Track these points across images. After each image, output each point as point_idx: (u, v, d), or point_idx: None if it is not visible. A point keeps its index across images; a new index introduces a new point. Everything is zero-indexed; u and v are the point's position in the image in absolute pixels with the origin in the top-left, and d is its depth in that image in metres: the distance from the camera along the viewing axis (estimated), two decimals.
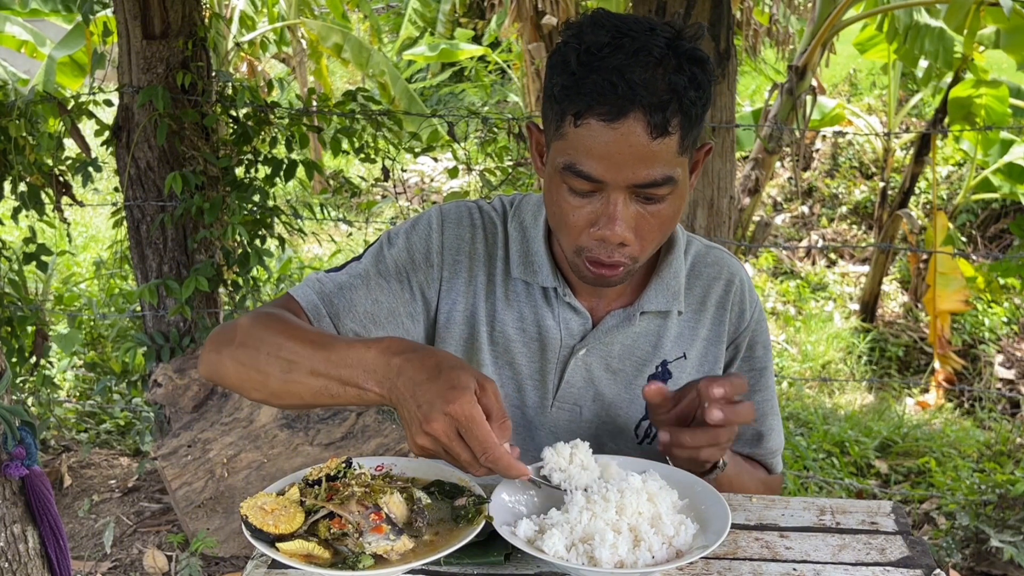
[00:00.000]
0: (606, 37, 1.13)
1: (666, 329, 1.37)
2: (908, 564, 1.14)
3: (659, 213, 1.19)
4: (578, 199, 1.19)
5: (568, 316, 1.35)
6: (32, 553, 1.95)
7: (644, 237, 1.21)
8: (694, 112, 1.14)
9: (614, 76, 1.10)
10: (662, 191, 1.17)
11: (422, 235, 1.37)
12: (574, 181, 1.17)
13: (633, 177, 1.14)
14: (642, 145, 1.12)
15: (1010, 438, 4.35)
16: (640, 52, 1.11)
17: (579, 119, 1.13)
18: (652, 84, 1.11)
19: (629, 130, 1.11)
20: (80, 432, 4.07)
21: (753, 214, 6.31)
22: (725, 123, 2.98)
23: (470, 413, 1.01)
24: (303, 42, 7.94)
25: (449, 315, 1.38)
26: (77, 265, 6.16)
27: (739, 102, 7.62)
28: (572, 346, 1.36)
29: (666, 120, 1.12)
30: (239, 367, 1.21)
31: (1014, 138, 5.64)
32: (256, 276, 3.67)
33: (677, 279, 1.36)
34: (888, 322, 6.21)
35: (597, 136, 1.13)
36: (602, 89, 1.11)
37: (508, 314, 1.37)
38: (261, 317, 1.23)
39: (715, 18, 2.88)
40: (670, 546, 1.07)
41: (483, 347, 1.37)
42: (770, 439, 1.48)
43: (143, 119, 3.32)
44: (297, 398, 1.17)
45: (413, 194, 8.13)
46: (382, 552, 0.99)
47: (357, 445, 3.09)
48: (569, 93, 1.14)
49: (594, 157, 1.14)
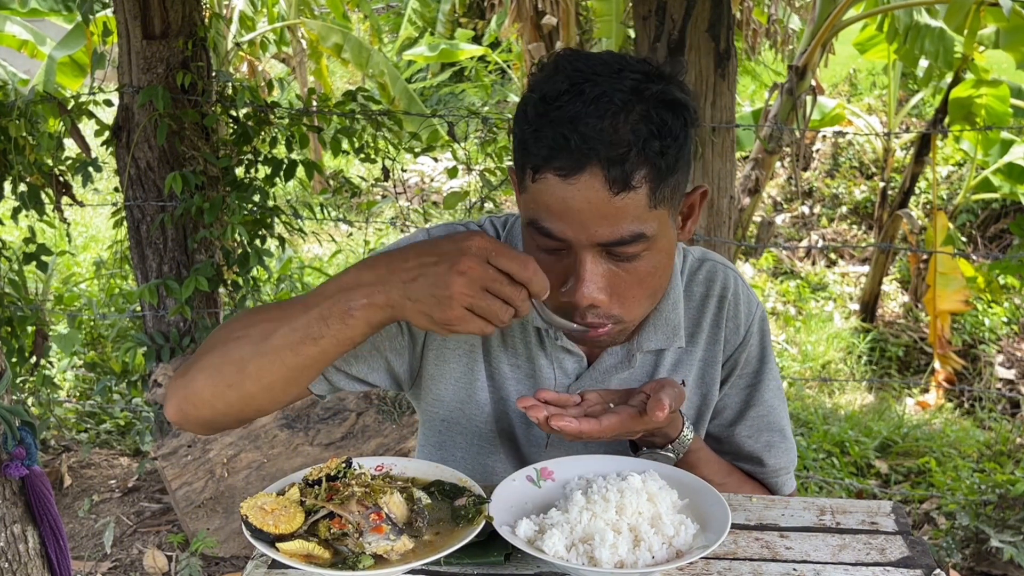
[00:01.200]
0: (564, 84, 1.05)
1: (663, 360, 1.30)
2: (908, 564, 1.14)
3: (635, 270, 1.11)
4: (548, 256, 1.11)
5: (562, 356, 1.28)
6: (32, 553, 1.95)
7: (622, 296, 1.12)
8: (663, 163, 1.05)
9: (567, 128, 1.02)
10: (632, 249, 1.08)
11: None
12: (539, 239, 1.10)
13: (596, 235, 1.06)
14: (602, 201, 1.03)
15: (1010, 438, 4.35)
16: (600, 99, 1.03)
17: (537, 174, 1.06)
18: (610, 135, 1.02)
19: (587, 186, 1.03)
20: (80, 432, 4.07)
21: (753, 214, 6.31)
22: (725, 123, 2.99)
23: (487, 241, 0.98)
24: (303, 42, 7.94)
25: (440, 352, 1.30)
26: (77, 265, 6.16)
27: (739, 102, 7.62)
28: (567, 386, 1.28)
29: (626, 174, 1.03)
30: (209, 373, 1.13)
31: (1014, 138, 5.64)
32: (256, 276, 3.67)
33: (676, 312, 1.27)
34: (888, 322, 6.21)
35: (555, 192, 1.05)
36: (556, 143, 1.03)
37: (503, 353, 1.30)
38: (216, 331, 1.19)
39: (715, 18, 2.89)
40: (670, 546, 1.07)
41: (481, 387, 1.31)
42: (770, 456, 1.36)
43: (143, 119, 3.32)
44: (278, 365, 1.09)
45: (413, 194, 8.13)
46: (382, 552, 0.99)
47: (357, 445, 3.09)
48: (527, 146, 1.07)
49: (554, 214, 1.06)
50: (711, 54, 2.91)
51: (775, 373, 1.37)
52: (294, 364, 1.10)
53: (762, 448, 1.37)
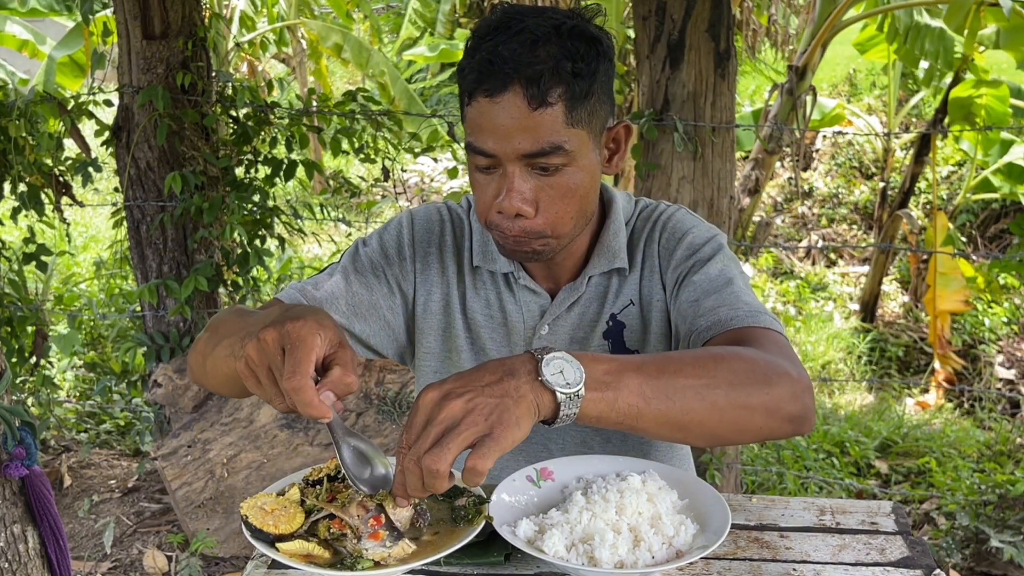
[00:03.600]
0: (495, 22, 1.20)
1: (610, 286, 1.40)
2: (908, 564, 1.14)
3: (558, 184, 1.23)
4: (483, 176, 1.25)
5: (528, 298, 1.40)
6: (32, 553, 1.95)
7: (546, 209, 1.24)
8: (578, 85, 1.18)
9: (492, 54, 1.17)
10: (554, 160, 1.20)
11: (393, 233, 1.44)
12: (475, 158, 1.24)
13: (520, 147, 1.19)
14: (524, 116, 1.17)
15: (1010, 438, 4.35)
16: (523, 32, 1.17)
17: (470, 98, 1.21)
18: (528, 58, 1.16)
19: (509, 103, 1.17)
20: (80, 432, 4.08)
21: (753, 214, 6.31)
22: (725, 123, 2.99)
23: (303, 335, 0.95)
24: (303, 42, 7.94)
25: (426, 305, 1.44)
26: (77, 265, 6.16)
27: (739, 102, 7.63)
28: (534, 326, 1.40)
29: (543, 91, 1.16)
30: (197, 354, 1.23)
31: (1014, 138, 5.64)
32: (256, 276, 3.67)
33: (616, 239, 1.39)
34: (888, 322, 6.21)
35: (484, 112, 1.19)
36: (483, 67, 1.18)
37: (476, 302, 1.42)
38: (228, 310, 1.26)
39: (715, 18, 2.88)
40: (670, 546, 1.07)
41: (459, 334, 1.43)
42: (713, 314, 1.23)
43: (143, 119, 3.32)
44: (220, 370, 1.14)
45: (413, 194, 8.13)
46: (378, 559, 0.99)
47: None
48: (463, 75, 1.22)
49: (484, 132, 1.20)
50: (711, 54, 2.91)
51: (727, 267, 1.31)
52: (225, 372, 1.14)
53: (707, 310, 1.25)
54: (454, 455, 0.91)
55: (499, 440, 0.91)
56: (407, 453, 0.94)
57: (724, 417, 1.02)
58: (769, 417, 1.04)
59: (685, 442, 1.09)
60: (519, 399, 0.94)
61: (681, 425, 1.01)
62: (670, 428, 1.01)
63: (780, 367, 1.07)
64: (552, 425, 0.98)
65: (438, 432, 0.92)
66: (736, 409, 1.03)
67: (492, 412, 0.92)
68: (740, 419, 1.03)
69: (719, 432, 1.04)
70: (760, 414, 1.04)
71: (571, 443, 1.43)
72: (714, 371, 1.03)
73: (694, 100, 2.95)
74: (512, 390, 0.94)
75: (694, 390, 1.01)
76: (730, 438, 1.08)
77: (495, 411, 0.92)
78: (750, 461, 3.81)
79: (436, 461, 0.91)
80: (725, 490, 3.17)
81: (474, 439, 0.91)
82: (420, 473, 0.92)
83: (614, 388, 0.98)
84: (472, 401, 0.92)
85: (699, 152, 2.96)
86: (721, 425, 1.03)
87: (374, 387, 3.15)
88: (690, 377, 1.01)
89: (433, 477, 0.91)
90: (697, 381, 1.01)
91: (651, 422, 1.00)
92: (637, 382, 0.99)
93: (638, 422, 0.99)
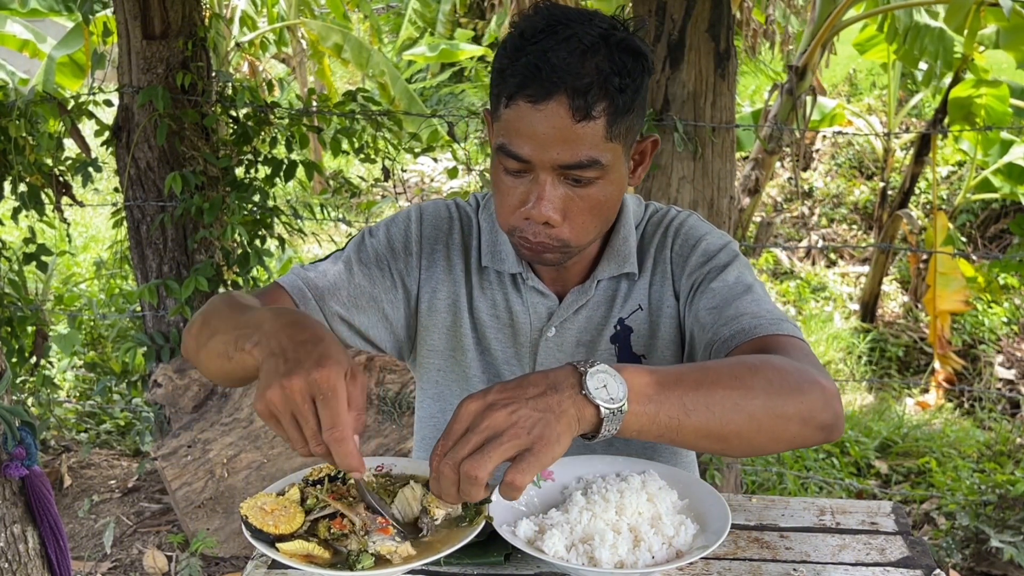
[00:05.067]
0: (542, 24, 1.17)
1: (619, 291, 1.39)
2: (908, 564, 1.14)
3: (588, 196, 1.22)
4: (511, 179, 1.23)
5: (535, 300, 1.39)
6: (32, 553, 1.95)
7: (573, 219, 1.23)
8: (621, 100, 1.17)
9: (540, 59, 1.14)
10: (588, 173, 1.19)
11: (401, 227, 1.42)
12: (506, 161, 1.21)
13: (558, 158, 1.17)
14: (566, 127, 1.15)
15: (1010, 438, 4.35)
16: (571, 39, 1.15)
17: (510, 101, 1.18)
18: (577, 68, 1.14)
19: (553, 112, 1.15)
20: (80, 432, 4.08)
21: (753, 214, 6.30)
22: (725, 123, 2.98)
23: (335, 384, 0.95)
24: (303, 42, 7.94)
25: (431, 303, 1.42)
26: (77, 265, 6.16)
27: (739, 102, 7.63)
28: (540, 328, 1.39)
29: (588, 104, 1.14)
30: (191, 339, 1.21)
31: (1014, 138, 5.64)
32: (256, 276, 3.67)
33: (627, 244, 1.38)
34: (888, 322, 6.21)
35: (524, 117, 1.17)
36: (529, 71, 1.15)
37: (483, 302, 1.41)
38: (224, 297, 1.24)
39: (715, 18, 2.88)
40: (670, 546, 1.07)
41: (466, 333, 1.42)
42: (736, 323, 1.22)
43: (143, 119, 3.33)
44: (213, 364, 1.15)
45: (413, 194, 8.13)
46: (385, 553, 0.99)
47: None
48: (503, 76, 1.19)
49: (522, 137, 1.18)
50: (711, 54, 2.91)
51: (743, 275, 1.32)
52: (218, 367, 1.15)
53: (731, 317, 1.24)
54: (495, 464, 0.90)
55: (539, 456, 0.91)
56: (443, 458, 0.92)
57: (761, 427, 1.02)
58: (803, 426, 1.04)
59: (723, 453, 1.04)
60: (561, 414, 0.93)
61: (720, 436, 1.01)
62: (709, 440, 1.01)
63: (811, 375, 1.07)
64: (593, 440, 0.97)
65: (479, 440, 0.91)
66: (772, 419, 1.02)
67: (535, 426, 0.91)
68: (776, 428, 1.03)
69: (756, 442, 1.04)
70: (795, 423, 1.04)
71: (573, 443, 1.43)
72: (751, 381, 1.03)
73: (694, 100, 2.95)
74: (555, 404, 0.93)
75: (732, 401, 1.00)
76: (766, 447, 1.06)
77: (537, 425, 0.91)
78: (750, 461, 3.81)
79: (476, 468, 0.90)
80: (725, 490, 3.17)
81: (515, 452, 0.91)
82: (456, 479, 0.92)
83: (656, 402, 0.97)
84: (516, 413, 0.91)
85: (699, 152, 2.96)
86: (758, 435, 1.03)
87: (374, 387, 3.15)
88: (728, 388, 1.01)
89: (471, 484, 0.91)
90: (735, 392, 1.01)
91: (691, 434, 0.99)
92: (678, 394, 0.98)
93: (678, 435, 0.99)
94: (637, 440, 1.39)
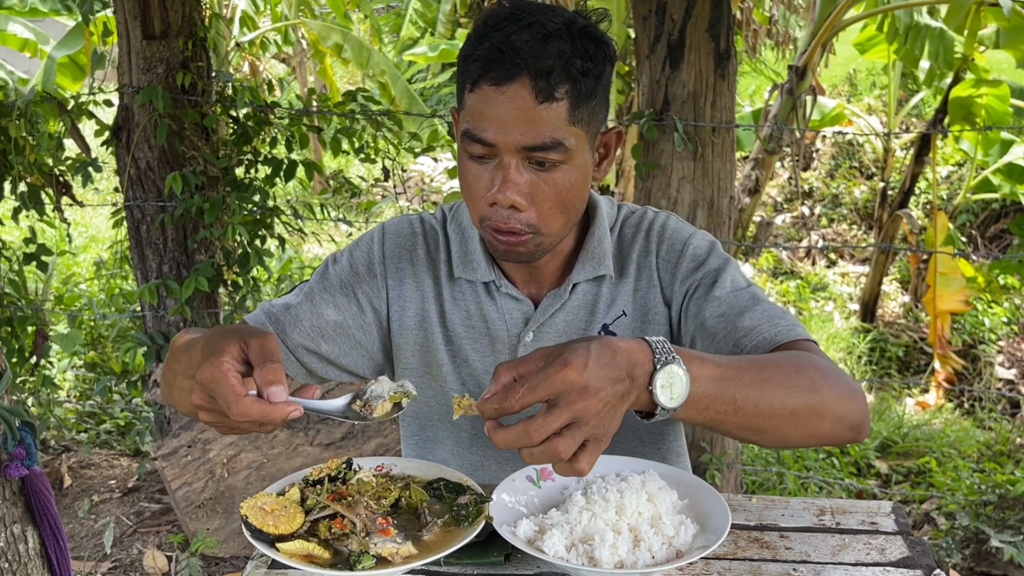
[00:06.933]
0: (506, 12, 1.20)
1: (599, 295, 1.39)
2: (908, 564, 1.14)
3: (553, 181, 1.22)
4: (477, 166, 1.24)
5: (510, 306, 1.39)
6: (32, 553, 1.95)
7: (540, 204, 1.23)
8: (584, 84, 1.19)
9: (503, 43, 1.17)
10: (552, 156, 1.20)
11: (364, 249, 1.43)
12: (471, 146, 1.22)
13: (521, 139, 1.18)
14: (528, 108, 1.17)
15: (1010, 438, 4.35)
16: (534, 25, 1.18)
17: (474, 86, 1.20)
18: (539, 51, 1.16)
19: (516, 94, 1.17)
20: (80, 432, 4.08)
21: (753, 214, 6.31)
22: (725, 123, 2.98)
23: (211, 374, 0.98)
24: (303, 42, 7.93)
25: (401, 321, 1.42)
26: (77, 265, 6.16)
27: (739, 102, 7.62)
28: (518, 334, 1.39)
29: (551, 86, 1.16)
30: (165, 385, 1.24)
31: (1014, 138, 5.64)
32: (256, 276, 3.67)
33: (602, 246, 1.38)
34: (888, 322, 6.21)
35: (488, 100, 1.18)
36: (492, 55, 1.17)
37: (456, 313, 1.41)
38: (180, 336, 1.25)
39: (715, 18, 2.88)
40: (670, 546, 1.07)
41: (439, 348, 1.41)
42: (757, 333, 1.23)
43: (143, 119, 3.32)
44: (185, 407, 1.16)
45: (413, 194, 8.13)
46: (386, 554, 0.99)
47: (357, 445, 3.09)
48: (467, 63, 1.21)
49: (486, 120, 1.19)
50: (711, 54, 2.91)
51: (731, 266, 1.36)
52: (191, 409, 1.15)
53: (747, 328, 1.25)
54: (576, 448, 0.92)
55: (603, 444, 0.94)
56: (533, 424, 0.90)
57: (799, 423, 1.07)
58: (836, 424, 1.10)
59: (755, 443, 1.10)
60: (626, 404, 0.96)
61: (759, 429, 1.05)
62: (747, 431, 1.05)
63: (846, 377, 1.13)
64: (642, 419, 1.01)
65: (569, 417, 0.91)
66: (811, 416, 1.07)
67: (609, 417, 0.94)
68: (811, 425, 1.08)
69: (791, 437, 1.08)
70: (829, 420, 1.09)
71: None
72: (797, 380, 1.07)
73: (694, 100, 2.95)
74: (626, 394, 0.95)
75: (779, 399, 1.04)
76: (798, 442, 1.10)
77: (608, 415, 0.93)
78: (750, 461, 3.81)
79: (566, 450, 0.91)
80: (725, 490, 3.17)
81: (588, 438, 0.93)
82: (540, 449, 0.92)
83: (710, 397, 1.00)
84: (605, 404, 0.92)
85: (699, 152, 2.96)
86: (795, 430, 1.07)
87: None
88: (777, 386, 1.05)
89: (551, 459, 0.92)
90: (782, 390, 1.05)
91: (733, 426, 1.03)
92: (732, 390, 1.01)
93: (720, 426, 1.03)
94: (633, 433, 1.41)
